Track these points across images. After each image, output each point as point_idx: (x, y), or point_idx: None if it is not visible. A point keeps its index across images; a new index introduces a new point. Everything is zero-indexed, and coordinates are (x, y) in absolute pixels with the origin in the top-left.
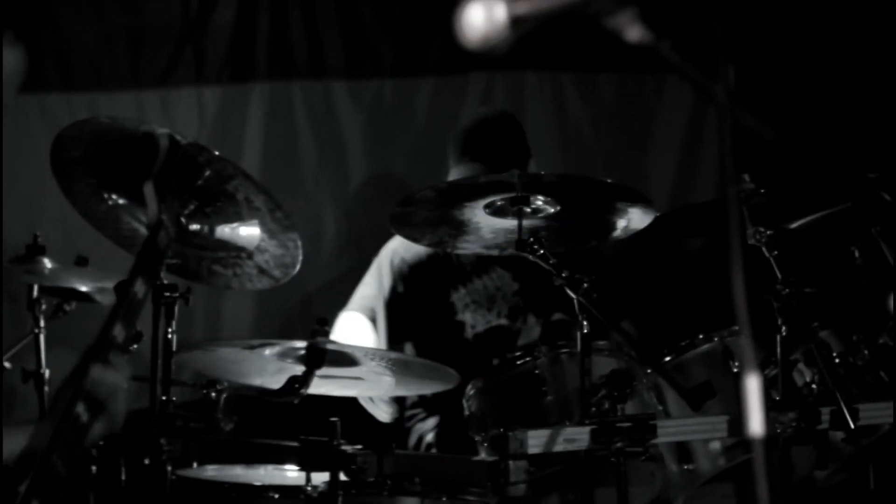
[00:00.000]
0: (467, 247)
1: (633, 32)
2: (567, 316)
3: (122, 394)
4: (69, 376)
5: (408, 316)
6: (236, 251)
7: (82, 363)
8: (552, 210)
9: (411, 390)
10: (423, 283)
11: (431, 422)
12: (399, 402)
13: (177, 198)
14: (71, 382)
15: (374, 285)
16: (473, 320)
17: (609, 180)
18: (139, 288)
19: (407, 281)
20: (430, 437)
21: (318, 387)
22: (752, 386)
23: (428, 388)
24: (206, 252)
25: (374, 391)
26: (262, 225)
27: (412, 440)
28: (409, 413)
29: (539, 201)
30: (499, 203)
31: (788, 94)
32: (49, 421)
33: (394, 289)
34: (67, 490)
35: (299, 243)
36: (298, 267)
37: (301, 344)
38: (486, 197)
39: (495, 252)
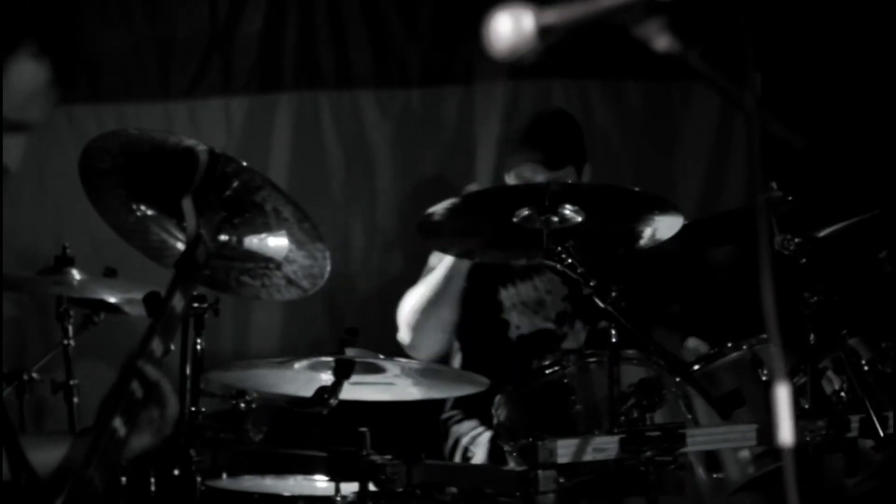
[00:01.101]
0: (495, 256)
1: (662, 41)
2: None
3: (174, 403)
4: (110, 392)
5: (462, 309)
6: (264, 262)
7: (122, 379)
8: (579, 219)
9: (443, 392)
10: (475, 277)
11: (468, 424)
12: (437, 405)
13: (215, 212)
14: (112, 399)
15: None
16: (519, 321)
17: (637, 188)
18: (177, 302)
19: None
20: (465, 441)
21: (348, 393)
22: (782, 394)
23: (459, 391)
24: (234, 263)
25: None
26: (290, 235)
27: (449, 442)
28: (446, 416)
29: (566, 210)
30: (526, 212)
31: (816, 101)
32: (89, 437)
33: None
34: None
35: (327, 254)
36: (326, 277)
37: (328, 359)
38: (513, 205)
39: (523, 261)
